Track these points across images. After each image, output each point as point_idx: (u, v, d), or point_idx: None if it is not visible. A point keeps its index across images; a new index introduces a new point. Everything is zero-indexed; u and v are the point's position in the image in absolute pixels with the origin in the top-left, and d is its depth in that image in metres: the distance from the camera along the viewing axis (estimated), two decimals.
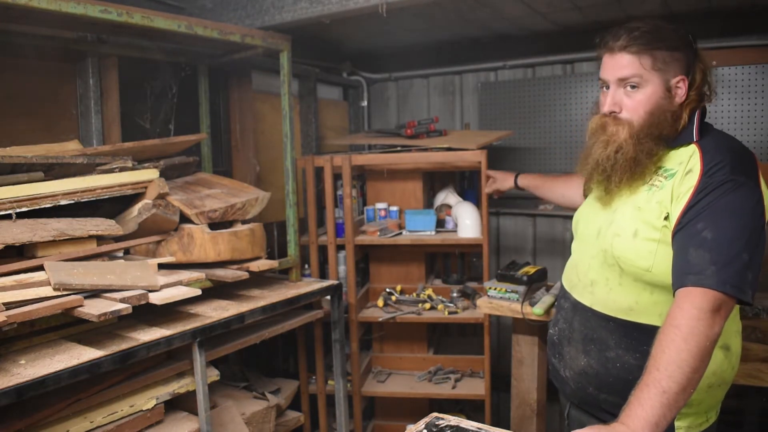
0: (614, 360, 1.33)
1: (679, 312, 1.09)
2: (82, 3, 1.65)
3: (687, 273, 1.12)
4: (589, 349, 1.37)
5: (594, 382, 1.37)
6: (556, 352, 1.49)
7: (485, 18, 2.73)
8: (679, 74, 1.28)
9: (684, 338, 1.06)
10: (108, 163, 1.88)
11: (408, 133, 2.95)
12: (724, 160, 1.19)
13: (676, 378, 1.03)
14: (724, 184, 1.16)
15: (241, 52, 2.42)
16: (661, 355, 1.06)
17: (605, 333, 1.35)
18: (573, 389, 1.43)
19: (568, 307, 1.47)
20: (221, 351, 1.94)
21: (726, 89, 2.71)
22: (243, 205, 2.13)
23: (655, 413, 1.01)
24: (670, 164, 1.29)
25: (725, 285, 1.08)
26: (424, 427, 1.23)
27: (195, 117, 2.59)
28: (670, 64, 1.28)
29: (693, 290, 1.10)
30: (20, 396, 1.32)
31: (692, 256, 1.13)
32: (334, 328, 2.41)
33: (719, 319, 1.09)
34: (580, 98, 3.07)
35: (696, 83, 1.30)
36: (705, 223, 1.14)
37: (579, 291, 1.44)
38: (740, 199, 1.15)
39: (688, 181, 1.21)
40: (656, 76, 1.28)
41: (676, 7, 2.51)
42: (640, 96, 1.29)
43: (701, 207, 1.16)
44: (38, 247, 1.62)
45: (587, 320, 1.39)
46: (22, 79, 2.00)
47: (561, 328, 1.48)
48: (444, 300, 2.86)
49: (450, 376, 2.85)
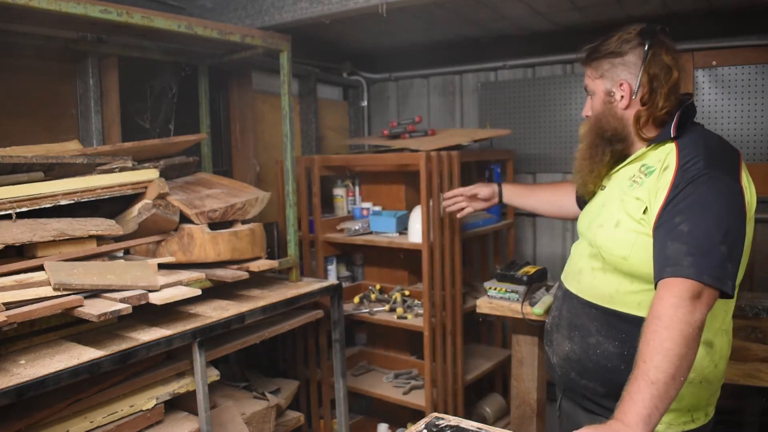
0: (595, 346, 1.36)
1: (659, 302, 1.11)
2: (82, 3, 1.65)
3: (665, 266, 1.14)
4: (573, 335, 1.42)
5: (576, 367, 1.41)
6: (548, 340, 1.54)
7: (485, 18, 2.73)
8: (619, 79, 1.37)
9: (665, 327, 1.07)
10: (108, 163, 1.88)
11: (384, 134, 2.97)
12: (698, 155, 1.22)
13: (662, 368, 1.04)
14: (698, 177, 1.18)
15: (241, 52, 2.42)
16: (645, 347, 1.08)
17: (587, 320, 1.39)
18: (559, 375, 1.49)
19: (560, 296, 1.53)
20: (221, 351, 1.94)
21: (726, 89, 2.71)
22: (243, 205, 2.13)
23: (646, 405, 1.02)
24: (650, 161, 1.33)
25: (702, 275, 1.09)
26: (424, 427, 1.23)
27: (195, 117, 2.59)
28: (610, 71, 1.38)
29: (671, 281, 1.12)
30: (20, 396, 1.32)
31: (670, 249, 1.15)
32: (334, 328, 2.41)
33: (700, 306, 1.09)
34: (580, 98, 3.07)
35: (643, 85, 1.34)
36: (681, 217, 1.16)
37: (569, 280, 1.49)
38: (715, 192, 1.17)
39: (665, 177, 1.24)
40: (599, 83, 1.41)
41: (676, 7, 2.51)
42: (592, 102, 1.46)
43: (677, 201, 1.19)
44: (38, 247, 1.62)
45: (573, 307, 1.44)
46: (22, 79, 2.00)
47: (553, 316, 1.54)
48: (414, 304, 2.80)
49: (410, 382, 2.79)
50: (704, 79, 2.74)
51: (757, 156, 2.68)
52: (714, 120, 2.73)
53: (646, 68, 1.33)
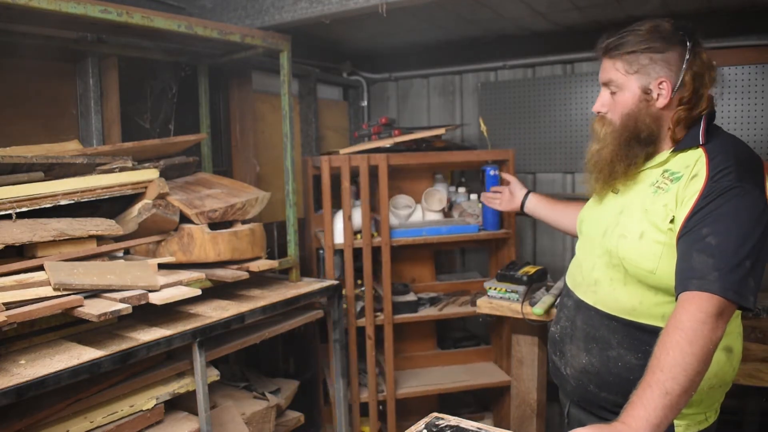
0: (616, 359, 1.33)
1: (685, 314, 1.09)
2: (82, 3, 1.65)
3: (690, 277, 1.12)
4: (591, 347, 1.38)
5: (595, 380, 1.37)
6: (557, 350, 1.49)
7: (485, 18, 2.73)
8: (660, 76, 1.29)
9: (689, 341, 1.06)
10: (108, 163, 1.88)
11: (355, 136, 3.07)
12: (730, 166, 1.19)
13: (679, 380, 1.04)
14: (730, 190, 1.15)
15: (241, 52, 2.42)
16: (665, 357, 1.06)
17: (607, 332, 1.35)
18: (573, 387, 1.44)
19: (571, 306, 1.47)
20: (221, 351, 1.94)
21: (726, 89, 2.71)
22: (243, 205, 2.13)
23: (657, 414, 1.01)
24: (675, 167, 1.28)
25: (727, 291, 1.08)
26: (424, 427, 1.23)
27: (195, 117, 2.59)
28: (649, 66, 1.29)
29: (697, 294, 1.10)
30: (20, 396, 1.32)
31: (696, 261, 1.13)
32: (334, 328, 2.41)
33: (722, 323, 1.09)
34: (580, 98, 3.07)
35: (686, 85, 1.29)
36: (709, 229, 1.14)
37: (583, 290, 1.44)
38: (745, 206, 1.15)
39: (694, 185, 1.20)
40: (632, 79, 1.31)
41: (676, 7, 2.51)
42: (618, 98, 1.34)
43: (706, 212, 1.16)
44: (38, 247, 1.62)
45: (590, 318, 1.39)
46: (22, 79, 2.00)
47: (563, 326, 1.48)
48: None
49: None
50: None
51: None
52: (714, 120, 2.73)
53: (689, 66, 1.29)
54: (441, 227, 2.78)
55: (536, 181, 3.28)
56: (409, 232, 2.74)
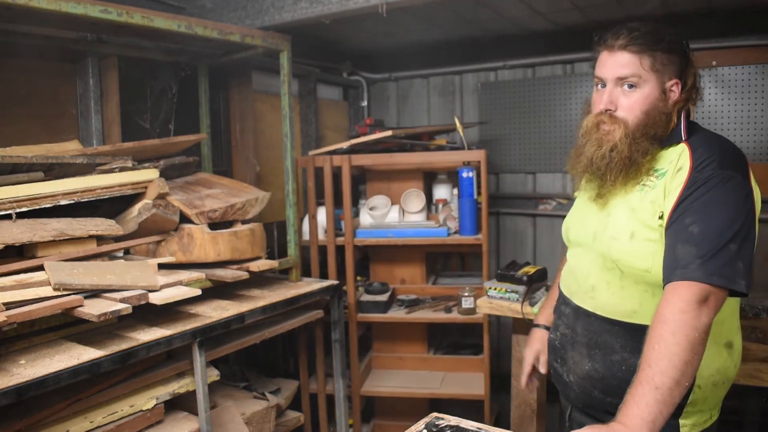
0: (620, 363, 1.32)
1: (666, 306, 1.10)
2: (82, 3, 1.65)
3: (675, 268, 1.13)
4: (594, 353, 1.36)
5: (599, 385, 1.36)
6: (558, 357, 1.47)
7: (485, 18, 2.73)
8: (674, 77, 1.30)
9: (672, 332, 1.06)
10: (108, 163, 1.88)
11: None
12: (712, 155, 1.21)
13: (668, 373, 1.04)
14: (712, 178, 1.17)
15: (241, 52, 2.42)
16: (650, 352, 1.07)
17: (609, 337, 1.34)
18: (577, 393, 1.42)
19: (570, 313, 1.45)
20: (221, 351, 1.94)
21: (726, 89, 2.71)
22: (243, 205, 2.13)
23: (650, 410, 1.02)
24: (660, 164, 1.30)
25: (711, 277, 1.09)
26: (424, 427, 1.23)
27: (195, 117, 2.59)
28: (667, 66, 1.29)
29: (679, 284, 1.11)
30: (20, 396, 1.32)
31: (679, 251, 1.13)
32: (334, 328, 2.41)
33: (707, 310, 1.09)
34: (580, 98, 3.07)
35: (687, 86, 1.32)
36: (692, 218, 1.15)
37: (580, 297, 1.42)
38: (728, 191, 1.16)
39: (679, 177, 1.22)
40: (654, 77, 1.28)
41: (676, 7, 2.51)
42: (638, 95, 1.29)
43: (689, 202, 1.17)
44: (38, 247, 1.62)
45: (590, 324, 1.38)
46: (22, 79, 2.00)
47: (563, 333, 1.46)
48: None
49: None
50: (704, 79, 2.74)
51: (757, 156, 2.68)
52: (714, 120, 2.73)
53: (692, 66, 1.32)
54: (407, 229, 2.79)
55: (536, 180, 3.28)
56: (373, 233, 2.80)
